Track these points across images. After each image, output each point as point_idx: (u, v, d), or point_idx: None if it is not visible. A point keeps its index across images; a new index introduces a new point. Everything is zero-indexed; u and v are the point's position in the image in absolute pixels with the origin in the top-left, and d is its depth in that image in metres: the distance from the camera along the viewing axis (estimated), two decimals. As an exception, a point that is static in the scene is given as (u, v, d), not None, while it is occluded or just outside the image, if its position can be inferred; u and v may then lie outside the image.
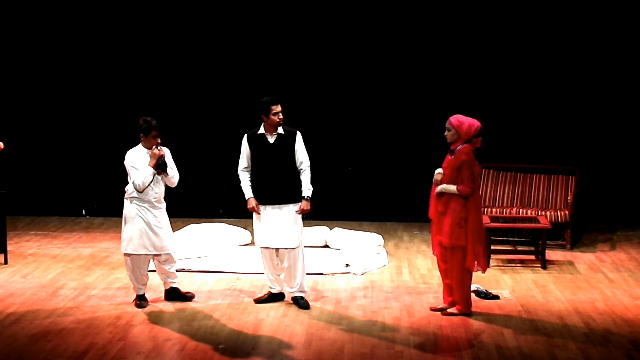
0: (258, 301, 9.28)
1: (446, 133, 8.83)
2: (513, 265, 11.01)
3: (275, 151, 9.07)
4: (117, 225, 13.16)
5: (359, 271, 10.52)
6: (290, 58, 13.61)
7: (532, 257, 11.24)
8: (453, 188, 8.71)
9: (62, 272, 10.55)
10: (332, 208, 13.21)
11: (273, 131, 9.07)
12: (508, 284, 10.13)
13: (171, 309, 9.11)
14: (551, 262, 11.08)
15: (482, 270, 8.98)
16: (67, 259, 11.21)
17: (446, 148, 8.89)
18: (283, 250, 9.14)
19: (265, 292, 9.37)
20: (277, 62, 13.62)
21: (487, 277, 10.30)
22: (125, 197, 9.17)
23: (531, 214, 11.93)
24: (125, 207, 9.17)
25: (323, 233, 11.95)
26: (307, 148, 9.23)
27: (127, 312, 8.97)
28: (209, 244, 11.33)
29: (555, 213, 12.00)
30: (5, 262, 10.88)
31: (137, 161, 9.06)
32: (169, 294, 9.37)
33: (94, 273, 10.52)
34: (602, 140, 13.41)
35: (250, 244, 11.93)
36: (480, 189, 11.42)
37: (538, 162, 12.80)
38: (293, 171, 9.11)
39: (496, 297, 9.51)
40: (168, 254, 9.23)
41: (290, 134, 9.11)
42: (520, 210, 12.15)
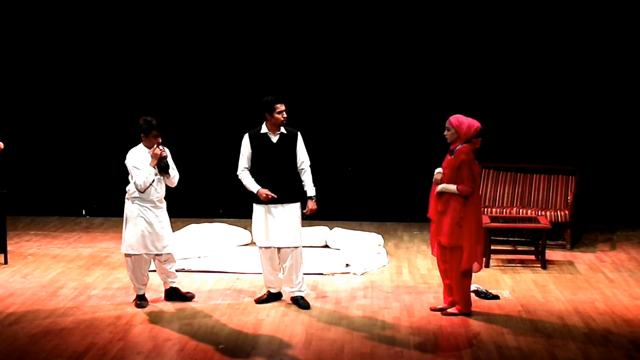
0: (258, 301, 9.28)
1: (446, 133, 8.83)
2: (513, 265, 11.01)
3: (279, 150, 9.09)
4: (117, 225, 13.19)
5: (359, 271, 10.52)
6: (290, 58, 13.61)
7: (532, 257, 11.23)
8: (453, 187, 8.71)
9: (62, 272, 10.55)
10: (332, 208, 13.20)
11: (276, 130, 9.09)
12: (508, 284, 10.13)
13: (171, 309, 9.11)
14: (551, 262, 11.08)
15: (479, 268, 8.96)
16: (67, 259, 11.21)
17: (446, 148, 8.89)
18: (285, 249, 9.15)
19: (265, 292, 9.37)
20: (277, 62, 13.62)
21: (487, 277, 10.30)
22: (127, 198, 9.16)
23: (531, 214, 11.93)
24: (127, 207, 9.15)
25: (323, 233, 11.95)
26: (307, 148, 9.28)
27: (127, 312, 8.97)
28: (209, 244, 11.34)
29: (555, 213, 12.00)
30: (5, 262, 10.88)
31: (138, 161, 9.05)
32: (169, 294, 9.37)
33: (94, 273, 10.52)
34: (602, 140, 13.41)
35: (251, 244, 11.94)
36: (480, 189, 11.43)
37: (538, 162, 12.80)
38: (294, 170, 9.15)
39: (496, 297, 9.51)
40: (169, 254, 9.23)
41: (292, 133, 9.15)
42: (520, 210, 12.15)
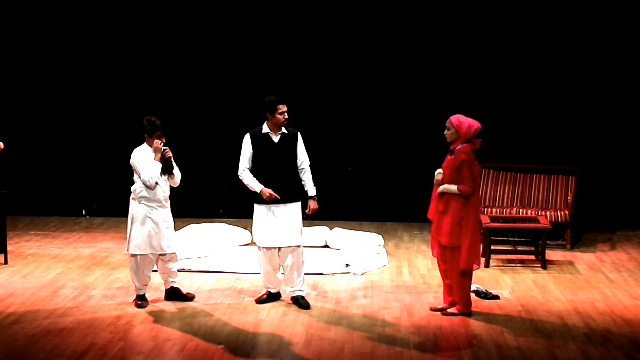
0: (258, 301, 9.28)
1: (446, 132, 8.84)
2: (513, 265, 11.01)
3: (280, 150, 9.12)
4: (117, 225, 13.22)
5: (359, 271, 10.52)
6: (290, 58, 13.61)
7: (532, 257, 11.23)
8: (454, 188, 8.71)
9: (62, 272, 10.55)
10: (332, 208, 13.19)
11: (277, 130, 9.11)
12: (508, 284, 10.13)
13: (171, 308, 9.11)
14: (551, 262, 11.08)
15: (477, 267, 8.94)
16: (67, 259, 11.21)
17: (446, 148, 8.89)
18: (286, 248, 9.15)
19: (264, 292, 9.37)
20: (277, 62, 13.62)
21: (487, 277, 10.31)
22: (133, 198, 9.14)
23: (531, 214, 11.92)
24: (133, 207, 9.13)
25: (323, 233, 11.95)
26: (307, 148, 9.33)
27: (127, 312, 8.97)
28: (209, 244, 11.34)
29: (555, 213, 12.00)
30: (5, 262, 10.88)
31: (143, 160, 9.05)
32: (170, 294, 9.37)
33: (94, 273, 10.52)
34: (602, 140, 13.41)
35: (251, 244, 11.94)
36: (480, 189, 11.43)
37: (538, 162, 12.80)
38: (295, 170, 9.18)
39: (496, 297, 9.50)
40: (173, 253, 9.26)
41: (293, 133, 9.19)
42: (520, 210, 12.15)
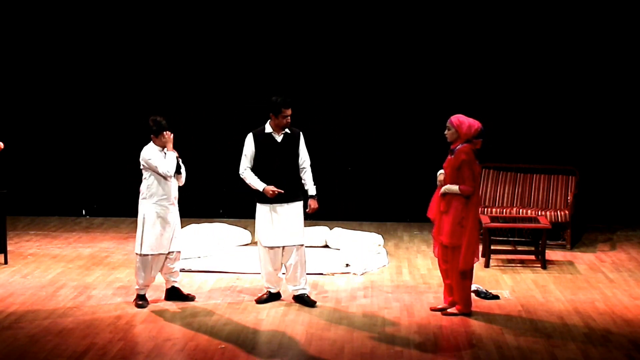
0: (258, 301, 9.28)
1: (446, 132, 8.84)
2: (513, 265, 11.00)
3: (283, 150, 9.16)
4: (117, 225, 13.23)
5: (359, 271, 10.52)
6: (290, 58, 13.60)
7: (532, 257, 11.23)
8: (455, 188, 8.71)
9: (62, 272, 10.55)
10: (332, 208, 13.19)
11: (280, 130, 9.14)
12: (508, 284, 10.13)
13: (171, 308, 9.11)
14: (551, 262, 11.08)
15: (477, 259, 8.92)
16: (67, 259, 11.21)
17: (446, 148, 8.89)
18: (290, 247, 9.17)
19: (265, 292, 9.37)
20: (277, 62, 13.61)
21: (487, 277, 10.31)
22: (143, 198, 9.11)
23: (531, 214, 11.92)
24: (144, 208, 9.10)
25: (323, 233, 11.95)
26: (307, 148, 9.36)
27: (127, 312, 8.97)
28: (209, 244, 11.33)
29: (555, 213, 12.00)
30: (5, 262, 10.87)
31: (155, 156, 9.06)
32: (170, 294, 9.37)
33: (94, 273, 10.52)
34: (602, 140, 13.40)
35: (251, 244, 11.95)
36: (480, 189, 11.42)
37: (538, 162, 12.80)
38: (297, 170, 9.23)
39: (496, 297, 9.50)
40: (178, 252, 9.31)
41: (295, 133, 9.24)
42: (520, 210, 12.14)
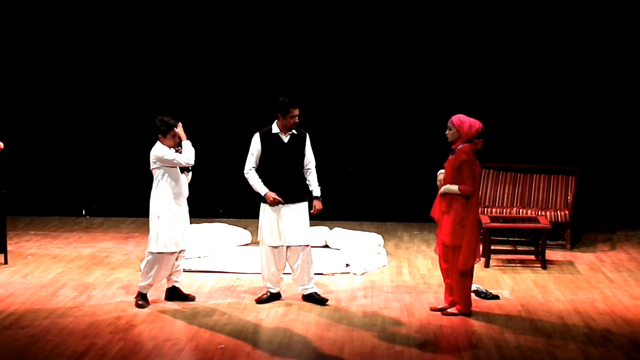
0: (259, 301, 9.29)
1: (447, 132, 8.84)
2: (513, 265, 11.00)
3: (289, 150, 9.18)
4: (117, 225, 13.23)
5: (359, 271, 10.52)
6: (290, 58, 13.60)
7: (532, 257, 11.23)
8: (455, 188, 8.71)
9: (62, 272, 10.55)
10: (332, 208, 13.18)
11: (287, 131, 9.15)
12: (508, 284, 10.12)
13: (171, 308, 9.10)
14: (551, 262, 11.08)
15: (478, 259, 8.93)
16: (67, 259, 11.21)
17: (446, 148, 8.89)
18: (295, 248, 9.19)
19: (265, 292, 9.37)
20: (277, 63, 13.61)
21: (487, 277, 10.31)
22: (156, 197, 9.07)
23: (531, 214, 11.92)
24: (157, 206, 9.06)
25: (323, 233, 11.94)
26: (307, 148, 9.36)
27: (127, 312, 8.97)
28: (209, 244, 11.33)
29: (555, 213, 12.00)
30: (5, 262, 10.87)
31: (168, 151, 9.05)
32: (170, 294, 9.37)
33: (94, 273, 10.52)
34: (602, 140, 13.41)
35: (251, 244, 11.95)
36: (480, 189, 11.42)
37: (538, 162, 12.80)
38: (302, 170, 9.25)
39: (496, 297, 9.50)
40: (184, 249, 9.33)
41: (301, 134, 9.25)
42: (520, 210, 12.14)
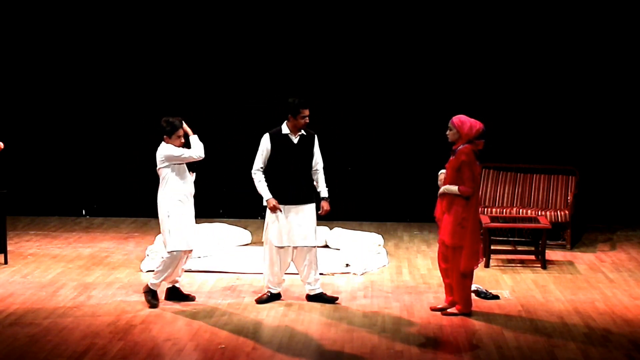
0: (259, 301, 9.29)
1: (448, 132, 8.84)
2: (513, 265, 11.00)
3: (299, 151, 9.19)
4: (117, 225, 13.23)
5: (359, 271, 10.52)
6: (290, 58, 13.60)
7: (532, 257, 11.23)
8: (454, 189, 8.71)
9: (62, 272, 10.55)
10: (332, 208, 13.16)
11: (297, 132, 9.14)
12: (508, 284, 10.13)
13: (171, 309, 9.10)
14: (551, 262, 11.08)
15: (477, 265, 8.94)
16: (67, 259, 11.21)
17: (447, 148, 8.89)
18: (302, 249, 9.20)
19: (265, 292, 9.37)
20: (277, 63, 13.61)
21: (487, 277, 10.31)
22: (164, 197, 9.06)
23: (531, 214, 11.92)
24: (167, 205, 9.05)
25: (323, 233, 11.94)
26: (306, 148, 9.35)
27: (127, 312, 8.97)
28: (209, 244, 11.33)
29: (555, 213, 12.00)
30: (5, 262, 10.87)
31: (176, 149, 9.07)
32: (170, 294, 9.36)
33: (94, 273, 10.52)
34: (602, 140, 13.41)
35: (251, 244, 11.95)
36: (480, 189, 11.42)
37: (538, 162, 12.80)
38: (310, 171, 9.27)
39: (496, 297, 9.50)
40: (192, 250, 9.35)
41: (310, 135, 9.27)
42: (520, 210, 12.14)
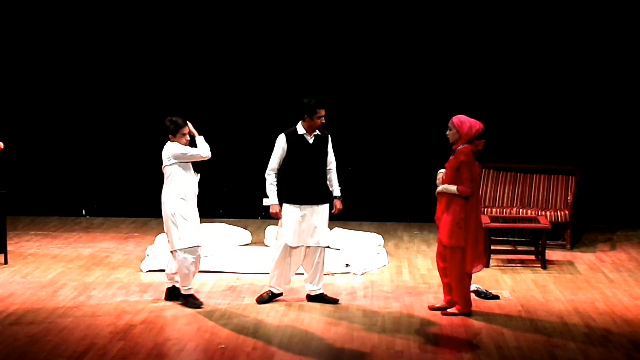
0: (259, 301, 9.28)
1: (447, 132, 8.84)
2: (513, 265, 11.01)
3: (314, 152, 9.19)
4: (117, 225, 13.23)
5: (359, 271, 10.52)
6: (290, 59, 13.60)
7: (532, 257, 11.23)
8: (453, 188, 8.71)
9: (62, 272, 10.55)
10: (332, 208, 13.17)
11: (312, 132, 9.17)
12: (508, 284, 10.13)
13: (171, 308, 9.11)
14: (551, 262, 11.08)
15: (481, 268, 8.97)
16: (67, 259, 11.21)
17: (446, 148, 8.90)
18: (314, 248, 9.21)
19: (266, 291, 9.37)
20: (277, 63, 13.61)
21: (487, 277, 10.30)
22: (168, 196, 9.06)
23: (531, 214, 11.92)
24: (172, 204, 9.04)
25: (323, 233, 11.94)
26: (307, 148, 9.35)
27: (127, 312, 8.97)
28: (209, 244, 11.32)
29: (555, 213, 12.00)
30: (5, 262, 10.87)
31: (183, 147, 9.08)
32: (170, 294, 9.36)
33: (94, 273, 10.52)
34: (602, 140, 13.41)
35: (251, 244, 11.96)
36: (480, 189, 11.42)
37: (538, 162, 12.80)
38: (325, 171, 9.28)
39: (496, 297, 9.51)
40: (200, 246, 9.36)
41: (324, 135, 9.28)
42: (520, 210, 12.14)
